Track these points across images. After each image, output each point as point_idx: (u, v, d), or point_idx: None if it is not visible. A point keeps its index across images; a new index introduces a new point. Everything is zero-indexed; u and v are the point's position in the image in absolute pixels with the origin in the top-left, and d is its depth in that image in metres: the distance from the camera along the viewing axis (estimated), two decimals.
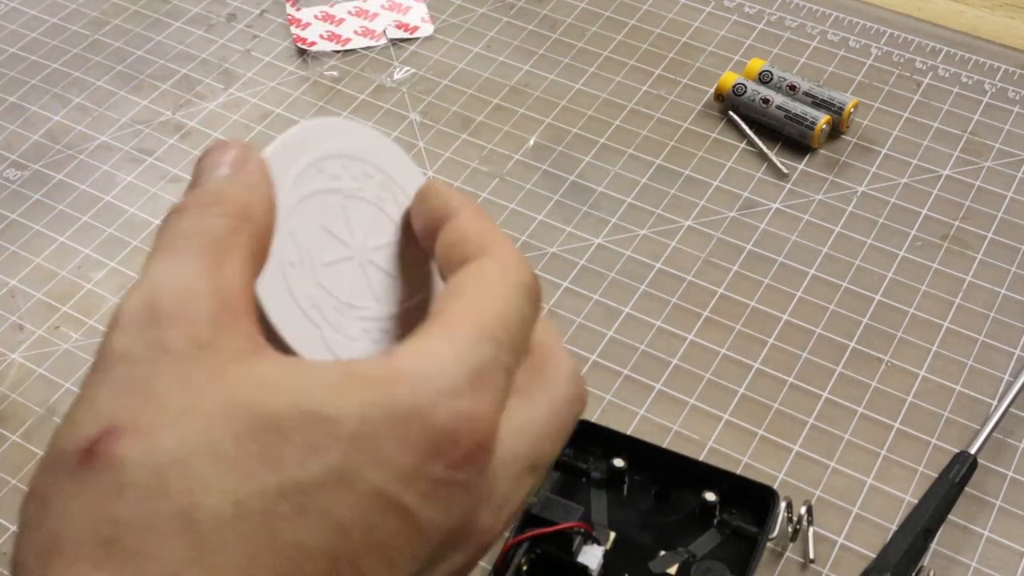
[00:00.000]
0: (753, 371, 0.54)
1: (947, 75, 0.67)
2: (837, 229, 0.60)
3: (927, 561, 0.47)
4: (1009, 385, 0.53)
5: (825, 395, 0.53)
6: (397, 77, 0.69)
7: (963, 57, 0.68)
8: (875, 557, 0.47)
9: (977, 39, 0.69)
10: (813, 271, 0.58)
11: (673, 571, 0.46)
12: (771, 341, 0.55)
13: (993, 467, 0.50)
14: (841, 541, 0.48)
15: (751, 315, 0.56)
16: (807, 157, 0.63)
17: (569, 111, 0.67)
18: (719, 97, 0.65)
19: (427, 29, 0.72)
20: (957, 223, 0.60)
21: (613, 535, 0.48)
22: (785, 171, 0.62)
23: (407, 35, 0.72)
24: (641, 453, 0.49)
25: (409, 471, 0.24)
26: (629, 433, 0.51)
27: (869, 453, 0.51)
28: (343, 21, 0.73)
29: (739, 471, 0.50)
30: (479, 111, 0.67)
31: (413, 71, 0.70)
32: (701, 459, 0.50)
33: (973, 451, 0.49)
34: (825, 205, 0.61)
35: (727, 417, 0.52)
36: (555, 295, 0.57)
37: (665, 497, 0.49)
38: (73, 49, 0.73)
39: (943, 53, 0.68)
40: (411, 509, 0.24)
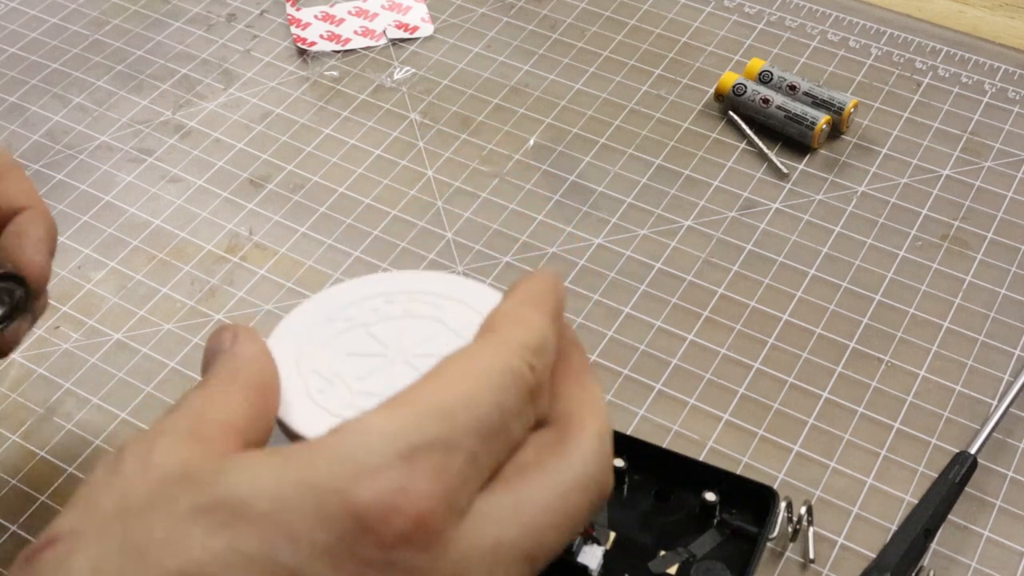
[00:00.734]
0: (753, 371, 0.54)
1: (947, 75, 0.67)
2: (837, 229, 0.60)
3: (927, 561, 0.47)
4: (1009, 385, 0.53)
5: (825, 395, 0.53)
6: (397, 77, 0.69)
7: (963, 57, 0.68)
8: (875, 557, 0.47)
9: (977, 39, 0.69)
10: (813, 271, 0.58)
11: (673, 571, 0.46)
12: (771, 341, 0.55)
13: (993, 467, 0.50)
14: (841, 541, 0.48)
15: (751, 315, 0.56)
16: (807, 157, 0.63)
17: (569, 111, 0.67)
18: (719, 97, 0.65)
19: (427, 29, 0.72)
20: (957, 223, 0.60)
21: (613, 535, 0.48)
22: (785, 171, 0.62)
23: (407, 35, 0.72)
24: (641, 453, 0.49)
25: (330, 550, 0.23)
26: (629, 433, 0.51)
27: (869, 453, 0.51)
28: (343, 21, 0.73)
29: (739, 471, 0.50)
30: (479, 111, 0.67)
31: (413, 71, 0.70)
32: (701, 459, 0.50)
33: (973, 451, 0.49)
34: (825, 205, 0.61)
35: (727, 417, 0.52)
36: None
37: (665, 497, 0.49)
38: (73, 49, 0.73)
39: (943, 53, 0.68)
40: None
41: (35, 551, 0.24)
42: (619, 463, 0.49)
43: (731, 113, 0.65)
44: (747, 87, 0.64)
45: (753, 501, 0.48)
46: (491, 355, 0.27)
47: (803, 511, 0.47)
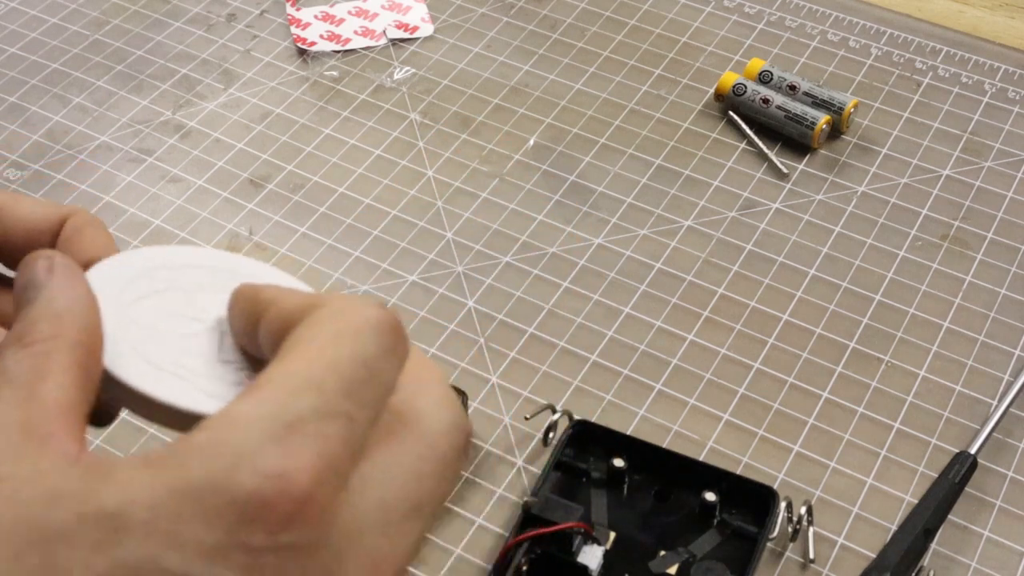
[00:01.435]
0: (753, 371, 0.54)
1: (947, 75, 0.67)
2: (837, 229, 0.60)
3: (927, 561, 0.47)
4: (1009, 385, 0.53)
5: (825, 395, 0.53)
6: (397, 77, 0.69)
7: (963, 57, 0.68)
8: (875, 557, 0.47)
9: (977, 39, 0.69)
10: (813, 271, 0.58)
11: (673, 571, 0.46)
12: (771, 341, 0.55)
13: (993, 467, 0.50)
14: (841, 541, 0.48)
15: (751, 315, 0.56)
16: (807, 157, 0.63)
17: (569, 111, 0.67)
18: (719, 97, 0.65)
19: (427, 29, 0.72)
20: (957, 223, 0.60)
21: (613, 535, 0.48)
22: (785, 171, 0.62)
23: (407, 35, 0.72)
24: (641, 453, 0.49)
25: (218, 548, 0.22)
26: (629, 433, 0.51)
27: (869, 453, 0.51)
28: (343, 21, 0.73)
29: (739, 471, 0.50)
30: (479, 111, 0.67)
31: (413, 71, 0.70)
32: (701, 459, 0.50)
33: (973, 451, 0.49)
34: (825, 205, 0.61)
35: (727, 417, 0.52)
36: (555, 295, 0.57)
37: (665, 497, 0.49)
38: (73, 49, 0.73)
39: (943, 53, 0.68)
40: None
41: None
42: (619, 463, 0.49)
43: (731, 113, 0.65)
44: (747, 87, 0.64)
45: (753, 501, 0.48)
46: (334, 318, 0.26)
47: (803, 511, 0.47)
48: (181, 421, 0.27)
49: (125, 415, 0.38)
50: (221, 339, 0.30)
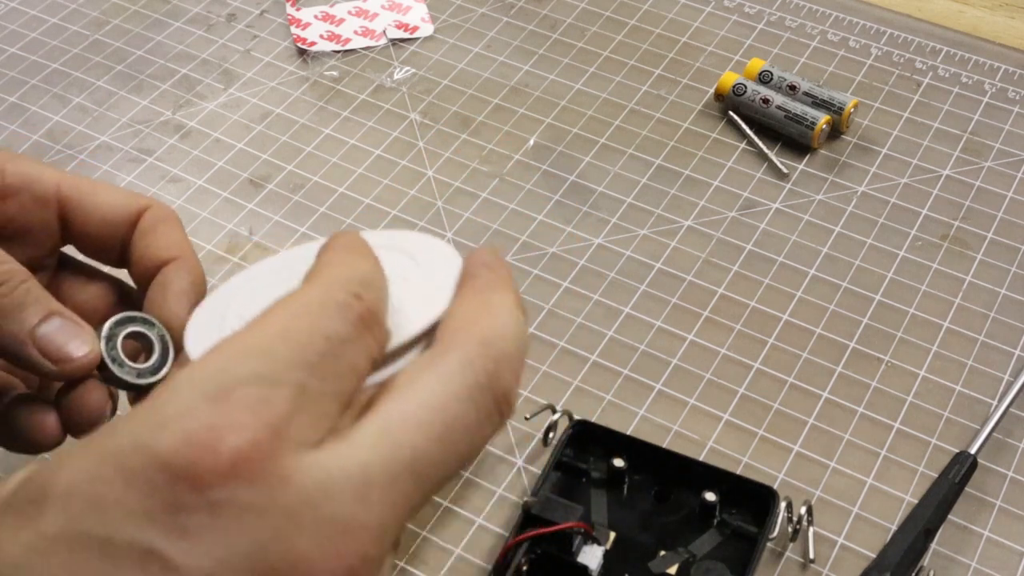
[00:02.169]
0: (753, 371, 0.54)
1: (947, 75, 0.67)
2: (837, 229, 0.60)
3: (927, 561, 0.47)
4: (1009, 385, 0.53)
5: (825, 395, 0.53)
6: (397, 77, 0.69)
7: (963, 57, 0.68)
8: (875, 557, 0.47)
9: (977, 39, 0.69)
10: (813, 271, 0.58)
11: (673, 571, 0.46)
12: (771, 341, 0.55)
13: (993, 467, 0.50)
14: (841, 541, 0.48)
15: (751, 315, 0.56)
16: (807, 157, 0.63)
17: (569, 111, 0.67)
18: (719, 97, 0.65)
19: (427, 29, 0.72)
20: (957, 223, 0.60)
21: (613, 535, 0.48)
22: (785, 171, 0.62)
23: (407, 35, 0.72)
24: (641, 453, 0.49)
25: (144, 508, 0.21)
26: (629, 433, 0.51)
27: (869, 453, 0.51)
28: (343, 21, 0.73)
29: (739, 471, 0.50)
30: (479, 111, 0.67)
31: (413, 71, 0.70)
32: (701, 459, 0.50)
33: (973, 451, 0.49)
34: (825, 205, 0.61)
35: (727, 417, 0.52)
36: (555, 295, 0.57)
37: (665, 497, 0.49)
38: (73, 49, 0.73)
39: (943, 53, 0.68)
40: (162, 551, 0.21)
41: None
42: (619, 463, 0.49)
43: (731, 113, 0.65)
44: (747, 87, 0.64)
45: (753, 501, 0.48)
46: (310, 292, 0.26)
47: (803, 511, 0.47)
48: None
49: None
50: None
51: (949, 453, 0.50)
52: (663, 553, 0.47)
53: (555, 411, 0.50)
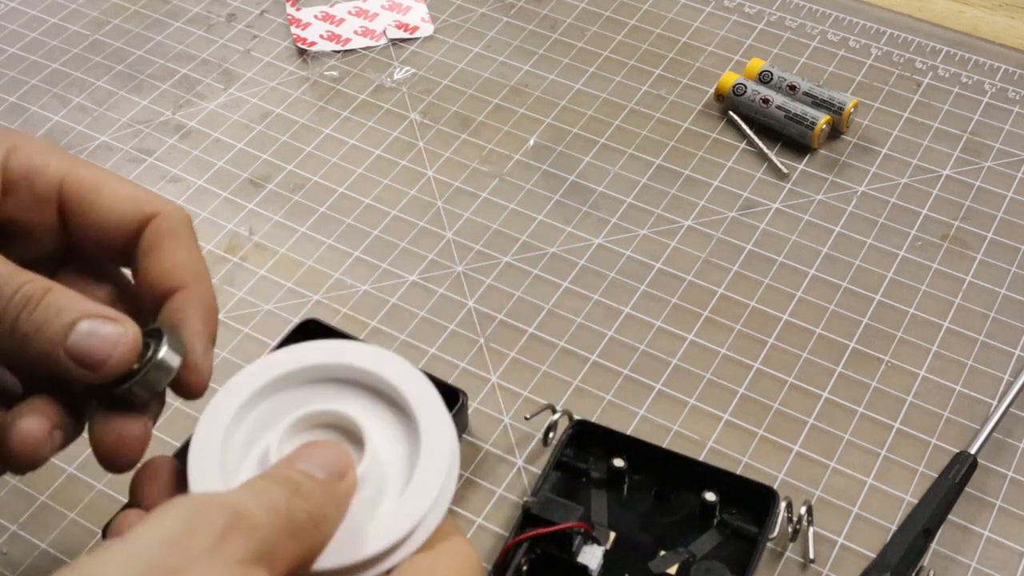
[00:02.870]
0: (753, 371, 0.54)
1: (947, 75, 0.67)
2: (837, 229, 0.60)
3: (927, 561, 0.47)
4: (1009, 385, 0.53)
5: (825, 395, 0.53)
6: (397, 77, 0.69)
7: (963, 57, 0.68)
8: (875, 557, 0.47)
9: (977, 39, 0.69)
10: (813, 271, 0.58)
11: (673, 571, 0.46)
12: (771, 341, 0.55)
13: (993, 467, 0.50)
14: (841, 541, 0.48)
15: (751, 315, 0.56)
16: (807, 157, 0.63)
17: (569, 111, 0.67)
18: (719, 97, 0.65)
19: (427, 29, 0.72)
20: (957, 223, 0.60)
21: (613, 535, 0.48)
22: (785, 171, 0.62)
23: (407, 35, 0.72)
24: (641, 453, 0.49)
25: None
26: (629, 433, 0.51)
27: (869, 453, 0.51)
28: (343, 21, 0.73)
29: (739, 471, 0.50)
30: (479, 111, 0.67)
31: (413, 71, 0.70)
32: (701, 459, 0.50)
33: (973, 451, 0.49)
34: (825, 205, 0.61)
35: (727, 417, 0.52)
36: (555, 295, 0.57)
37: (665, 497, 0.49)
38: (73, 49, 0.73)
39: (943, 53, 0.68)
40: None
41: None
42: (619, 463, 0.49)
43: (731, 113, 0.65)
44: (747, 87, 0.64)
45: (753, 501, 0.48)
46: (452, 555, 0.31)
47: (803, 511, 0.47)
48: None
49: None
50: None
51: (949, 453, 0.50)
52: (663, 553, 0.47)
53: (555, 411, 0.50)
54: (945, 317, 0.56)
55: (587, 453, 0.50)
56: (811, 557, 0.47)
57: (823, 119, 0.62)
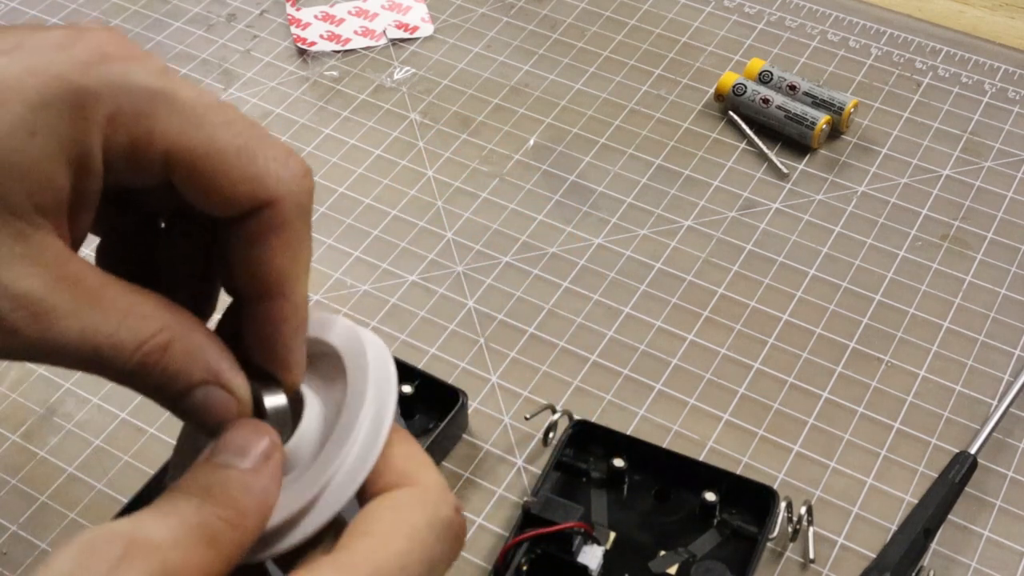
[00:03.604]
0: (753, 371, 0.54)
1: (947, 75, 0.67)
2: (837, 229, 0.60)
3: (927, 561, 0.47)
4: (1009, 385, 0.53)
5: (825, 395, 0.53)
6: (397, 77, 0.69)
7: (963, 57, 0.68)
8: (875, 557, 0.47)
9: (977, 39, 0.69)
10: (813, 271, 0.58)
11: (673, 571, 0.46)
12: (771, 341, 0.55)
13: (993, 467, 0.50)
14: (841, 541, 0.48)
15: (751, 315, 0.56)
16: (807, 157, 0.63)
17: (569, 111, 0.67)
18: (719, 97, 0.65)
19: (427, 29, 0.72)
20: (957, 223, 0.60)
21: (613, 535, 0.48)
22: (785, 171, 0.62)
23: (407, 35, 0.72)
24: (641, 453, 0.49)
25: None
26: (629, 433, 0.51)
27: (869, 453, 0.51)
28: (343, 21, 0.73)
29: (739, 471, 0.50)
30: (479, 111, 0.67)
31: (413, 71, 0.70)
32: (701, 459, 0.50)
33: (973, 451, 0.49)
34: (825, 205, 0.61)
35: (727, 417, 0.52)
36: (555, 295, 0.57)
37: (665, 497, 0.49)
38: None
39: (943, 53, 0.68)
40: None
41: None
42: (619, 463, 0.49)
43: (731, 113, 0.65)
44: (747, 87, 0.64)
45: (753, 501, 0.48)
46: (417, 507, 0.29)
47: (803, 511, 0.47)
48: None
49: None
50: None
51: (949, 453, 0.50)
52: (663, 553, 0.47)
53: (555, 411, 0.50)
54: (945, 317, 0.56)
55: (587, 453, 0.50)
56: (811, 557, 0.47)
57: (823, 119, 0.62)
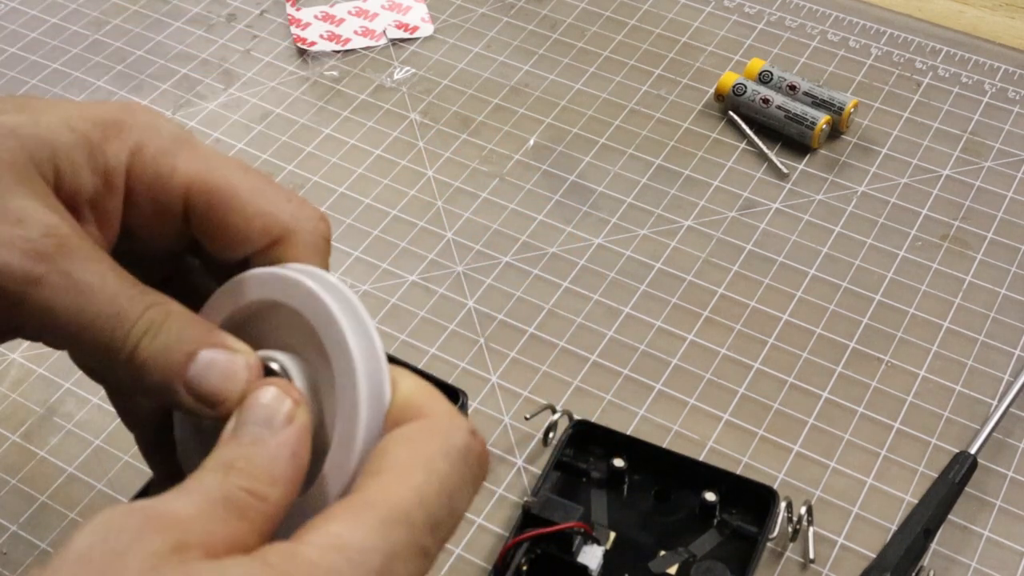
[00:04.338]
0: (753, 371, 0.54)
1: (947, 75, 0.67)
2: (837, 229, 0.60)
3: (927, 561, 0.47)
4: (1009, 385, 0.53)
5: (825, 395, 0.53)
6: (397, 77, 0.69)
7: (963, 57, 0.68)
8: (875, 557, 0.47)
9: (977, 39, 0.69)
10: (813, 271, 0.58)
11: (673, 571, 0.46)
12: (771, 341, 0.55)
13: (993, 467, 0.50)
14: (841, 541, 0.48)
15: (751, 315, 0.56)
16: (807, 157, 0.63)
17: (569, 111, 0.67)
18: (719, 97, 0.65)
19: (427, 29, 0.72)
20: (957, 223, 0.60)
21: (613, 535, 0.48)
22: (785, 171, 0.62)
23: (407, 35, 0.72)
24: (641, 453, 0.49)
25: None
26: (629, 433, 0.51)
27: (869, 453, 0.51)
28: (343, 21, 0.73)
29: (739, 471, 0.50)
30: (479, 111, 0.67)
31: (413, 71, 0.70)
32: (701, 459, 0.50)
33: (973, 451, 0.49)
34: (825, 205, 0.61)
35: (727, 417, 0.52)
36: (555, 295, 0.57)
37: (665, 497, 0.49)
38: (73, 49, 0.73)
39: (943, 53, 0.68)
40: None
41: None
42: (619, 463, 0.49)
43: (731, 113, 0.65)
44: (747, 87, 0.64)
45: (753, 501, 0.48)
46: (431, 438, 0.28)
47: (803, 511, 0.47)
48: None
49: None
50: None
51: (949, 453, 0.50)
52: (663, 553, 0.47)
53: (555, 411, 0.50)
54: (945, 317, 0.56)
55: (587, 453, 0.50)
56: (811, 557, 0.47)
57: (823, 119, 0.62)
